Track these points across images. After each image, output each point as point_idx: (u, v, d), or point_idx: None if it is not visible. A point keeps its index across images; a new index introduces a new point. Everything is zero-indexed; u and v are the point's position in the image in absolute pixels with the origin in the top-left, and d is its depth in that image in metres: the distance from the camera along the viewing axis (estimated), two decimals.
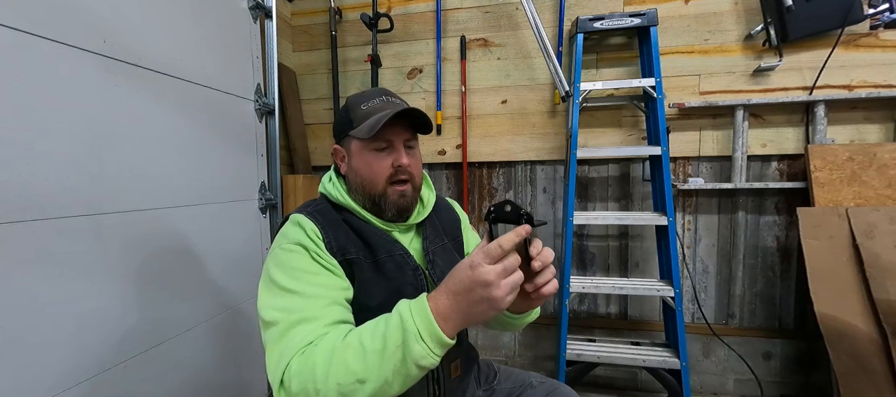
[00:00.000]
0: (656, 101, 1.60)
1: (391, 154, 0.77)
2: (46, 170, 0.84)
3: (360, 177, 0.78)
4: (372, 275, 0.74)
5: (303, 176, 1.82)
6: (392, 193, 0.77)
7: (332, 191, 0.81)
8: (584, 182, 1.92)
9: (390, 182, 0.77)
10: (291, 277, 0.67)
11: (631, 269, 1.91)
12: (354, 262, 0.73)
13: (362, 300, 0.73)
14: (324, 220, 0.76)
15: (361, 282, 0.73)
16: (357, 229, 0.77)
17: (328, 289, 0.68)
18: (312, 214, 0.77)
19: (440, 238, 0.86)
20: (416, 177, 0.80)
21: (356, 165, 0.79)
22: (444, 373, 0.80)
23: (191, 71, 1.21)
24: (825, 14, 1.58)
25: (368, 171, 0.77)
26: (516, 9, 1.88)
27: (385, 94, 0.80)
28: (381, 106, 0.77)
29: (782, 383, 1.80)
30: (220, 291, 1.32)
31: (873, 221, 1.47)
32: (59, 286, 0.86)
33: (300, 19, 2.12)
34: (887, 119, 1.63)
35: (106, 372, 0.95)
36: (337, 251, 0.72)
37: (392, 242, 0.78)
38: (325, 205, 0.81)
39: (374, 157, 0.76)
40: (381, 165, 0.76)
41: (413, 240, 0.84)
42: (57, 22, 0.86)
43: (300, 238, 0.71)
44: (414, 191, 0.80)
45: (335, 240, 0.73)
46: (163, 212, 1.11)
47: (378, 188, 0.77)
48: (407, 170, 0.77)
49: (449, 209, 0.95)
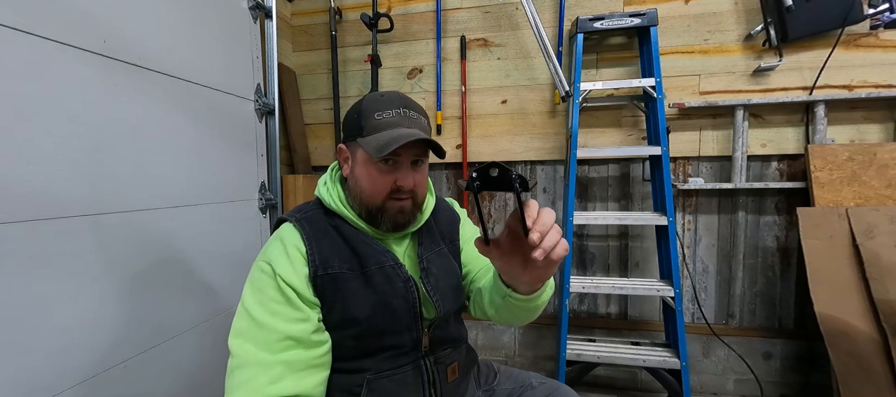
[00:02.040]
0: (656, 101, 1.60)
1: (395, 172, 0.73)
2: (46, 170, 0.83)
3: (359, 186, 0.75)
4: (359, 286, 0.73)
5: (303, 176, 1.82)
6: (391, 207, 0.74)
7: (326, 197, 0.79)
8: (584, 182, 1.92)
9: (390, 197, 0.74)
10: (257, 301, 0.69)
11: (631, 269, 1.91)
12: (338, 276, 0.72)
13: (348, 312, 0.72)
14: (311, 230, 0.75)
15: (347, 294, 0.72)
16: (347, 237, 0.75)
17: (285, 321, 0.68)
18: (300, 222, 0.75)
19: (436, 243, 0.84)
20: (420, 195, 0.77)
21: (358, 174, 0.75)
22: (440, 377, 0.79)
23: (191, 71, 1.21)
24: (825, 14, 1.58)
25: (369, 185, 0.74)
26: (516, 9, 1.88)
27: (403, 105, 0.74)
28: (397, 120, 0.72)
29: (782, 383, 1.80)
30: (220, 291, 1.32)
31: (873, 221, 1.47)
32: (59, 286, 0.86)
33: (300, 19, 2.12)
34: (887, 119, 1.63)
35: (106, 372, 0.95)
36: (320, 264, 0.72)
37: (383, 252, 0.76)
38: (316, 210, 0.79)
39: (377, 172, 0.73)
40: (383, 181, 0.73)
41: (408, 247, 0.82)
42: (57, 22, 0.86)
43: (274, 256, 0.71)
44: (414, 207, 0.77)
45: (319, 251, 0.73)
46: (163, 212, 1.11)
47: (376, 201, 0.74)
48: (410, 189, 0.74)
49: (448, 209, 0.92)
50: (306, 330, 0.69)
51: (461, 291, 0.86)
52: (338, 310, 0.73)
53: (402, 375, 0.77)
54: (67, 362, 0.87)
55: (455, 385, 0.82)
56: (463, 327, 0.90)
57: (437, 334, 0.81)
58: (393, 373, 0.76)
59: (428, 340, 0.79)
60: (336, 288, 0.72)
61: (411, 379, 0.77)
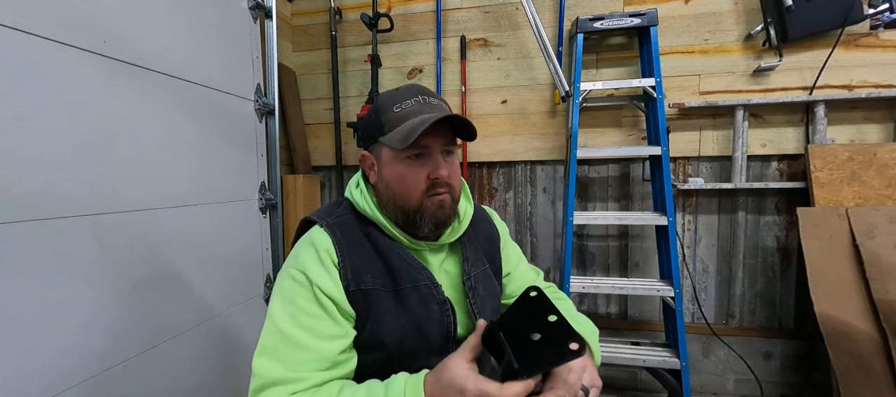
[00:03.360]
0: (656, 101, 1.60)
1: (427, 163, 0.67)
2: (46, 170, 0.83)
3: (391, 190, 0.68)
4: (391, 306, 0.67)
5: (303, 176, 1.82)
6: (429, 205, 0.67)
7: (361, 202, 0.72)
8: (584, 182, 1.92)
9: (427, 194, 0.67)
10: (288, 314, 0.63)
11: (631, 269, 1.91)
12: (371, 293, 0.66)
13: (377, 336, 0.66)
14: (343, 237, 0.68)
15: (378, 313, 0.66)
16: (380, 249, 0.69)
17: (321, 339, 0.62)
18: (332, 228, 0.69)
19: (481, 262, 0.77)
20: (456, 188, 0.70)
21: (387, 176, 0.69)
22: None
23: (191, 71, 1.21)
24: (825, 14, 1.58)
25: (401, 185, 0.67)
26: (516, 9, 1.88)
27: (421, 92, 0.69)
28: (416, 108, 0.67)
29: (782, 383, 1.80)
30: (219, 292, 1.32)
31: (873, 221, 1.47)
32: (59, 286, 0.86)
33: (300, 19, 2.12)
34: (887, 119, 1.63)
35: (105, 372, 0.95)
36: (352, 278, 0.65)
37: (419, 269, 0.70)
38: (348, 216, 0.72)
39: (407, 168, 0.66)
40: (416, 177, 0.66)
41: (445, 262, 0.75)
42: (57, 22, 0.86)
43: (308, 265, 0.65)
44: (453, 203, 0.70)
45: (351, 264, 0.66)
46: (163, 212, 1.11)
47: (413, 202, 0.67)
48: (446, 181, 0.67)
49: (487, 222, 0.84)
50: (341, 347, 0.63)
51: (498, 315, 0.78)
52: (367, 332, 0.66)
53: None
54: (67, 362, 0.87)
55: None
56: None
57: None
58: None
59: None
60: (367, 306, 0.66)
61: None
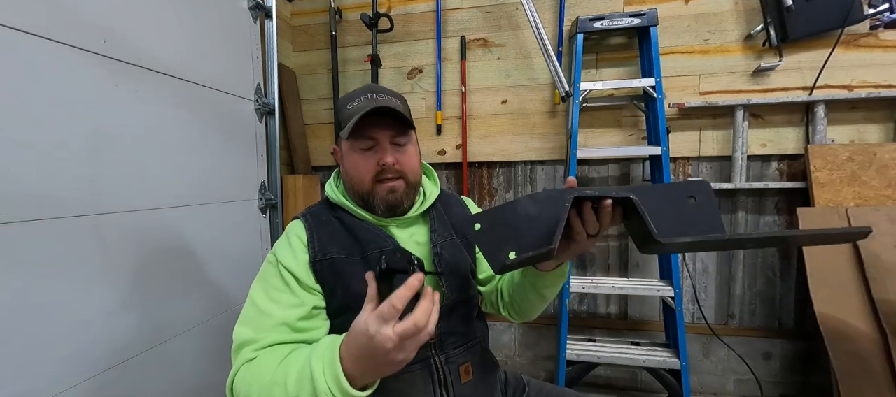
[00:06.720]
0: (656, 101, 1.60)
1: (376, 153, 0.76)
2: (46, 170, 0.83)
3: (350, 177, 0.79)
4: (360, 270, 0.74)
5: (303, 176, 1.82)
6: (379, 190, 0.77)
7: (329, 192, 0.84)
8: (584, 182, 1.92)
9: (377, 180, 0.77)
10: (261, 289, 0.74)
11: (631, 269, 1.91)
12: (337, 260, 0.75)
13: (351, 292, 0.73)
14: (314, 221, 0.79)
15: (347, 278, 0.75)
16: (349, 226, 0.79)
17: (283, 307, 0.71)
18: (305, 216, 0.81)
19: (448, 232, 0.85)
20: (410, 174, 0.79)
21: (347, 166, 0.80)
22: (452, 377, 0.76)
23: (191, 71, 1.21)
24: (825, 14, 1.58)
25: (355, 171, 0.78)
26: (516, 9, 1.88)
27: (371, 90, 0.79)
28: (364, 104, 0.75)
29: (782, 383, 1.80)
30: (219, 291, 1.32)
31: (873, 221, 1.47)
32: (59, 286, 0.86)
33: (300, 19, 2.12)
34: (887, 119, 1.63)
35: (106, 372, 0.95)
36: (318, 250, 0.75)
37: (384, 237, 0.78)
38: (322, 205, 0.85)
39: (360, 157, 0.77)
40: (367, 165, 0.76)
41: (414, 233, 0.83)
42: (57, 22, 0.86)
43: (278, 249, 0.77)
44: (407, 187, 0.79)
45: (319, 239, 0.77)
46: (162, 212, 1.11)
47: (365, 186, 0.77)
48: (393, 168, 0.76)
49: (460, 205, 0.93)
50: (297, 315, 0.71)
51: (469, 285, 0.84)
52: (340, 294, 0.74)
53: (410, 374, 0.74)
54: (67, 362, 0.87)
55: (470, 387, 0.78)
56: (475, 327, 0.85)
57: (442, 325, 0.77)
58: (401, 372, 0.72)
59: (436, 332, 0.76)
60: (336, 272, 0.75)
61: (420, 379, 0.75)
